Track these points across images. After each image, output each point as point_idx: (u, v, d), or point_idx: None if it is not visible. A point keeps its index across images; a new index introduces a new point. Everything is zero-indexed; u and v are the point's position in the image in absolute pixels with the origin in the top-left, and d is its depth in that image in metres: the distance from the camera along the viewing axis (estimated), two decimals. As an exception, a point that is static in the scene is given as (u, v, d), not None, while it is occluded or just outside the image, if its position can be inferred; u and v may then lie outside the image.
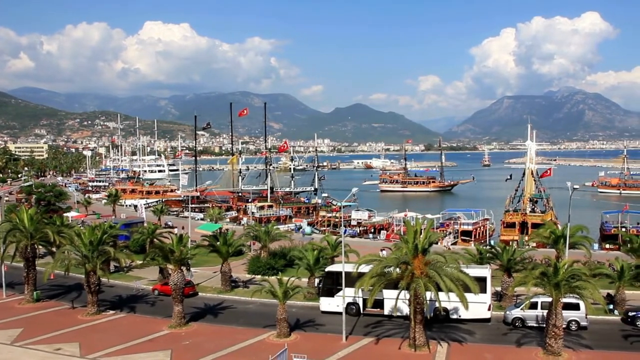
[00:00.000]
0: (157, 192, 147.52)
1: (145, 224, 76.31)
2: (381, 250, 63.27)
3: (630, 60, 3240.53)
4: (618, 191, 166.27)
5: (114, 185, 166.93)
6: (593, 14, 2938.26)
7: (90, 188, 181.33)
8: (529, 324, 40.83)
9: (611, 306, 44.44)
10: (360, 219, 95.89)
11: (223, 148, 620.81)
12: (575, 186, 51.95)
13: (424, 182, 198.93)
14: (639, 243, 52.82)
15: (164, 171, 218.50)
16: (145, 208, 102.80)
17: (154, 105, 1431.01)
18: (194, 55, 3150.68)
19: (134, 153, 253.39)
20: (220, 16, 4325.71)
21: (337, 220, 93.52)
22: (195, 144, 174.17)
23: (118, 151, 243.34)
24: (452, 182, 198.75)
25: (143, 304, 49.26)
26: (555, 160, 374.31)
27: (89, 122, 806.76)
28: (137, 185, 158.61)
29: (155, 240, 60.30)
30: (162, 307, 47.08)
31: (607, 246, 74.05)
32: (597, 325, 41.26)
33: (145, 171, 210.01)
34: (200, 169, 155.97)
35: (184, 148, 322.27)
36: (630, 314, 42.12)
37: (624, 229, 76.69)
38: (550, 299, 35.04)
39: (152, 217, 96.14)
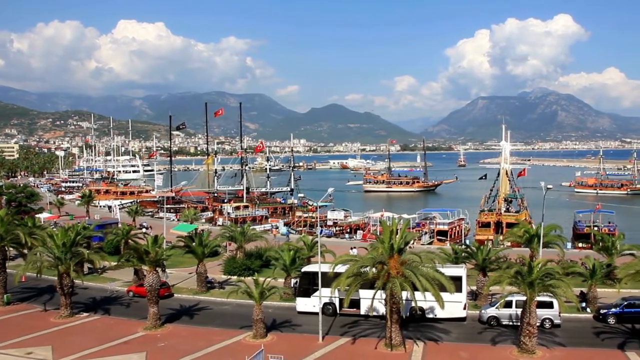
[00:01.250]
0: (131, 193, 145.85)
1: (119, 225, 75.56)
2: (351, 248, 63.60)
3: (601, 62, 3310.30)
4: (595, 191, 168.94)
5: (88, 185, 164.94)
6: (565, 16, 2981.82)
7: (63, 189, 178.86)
8: (504, 323, 41.21)
9: (584, 304, 45.08)
10: (336, 219, 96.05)
11: (198, 148, 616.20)
12: (549, 186, 52.54)
13: (408, 183, 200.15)
14: (611, 242, 53.91)
15: (139, 171, 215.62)
16: (119, 209, 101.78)
17: (129, 105, 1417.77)
18: (168, 54, 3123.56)
19: (108, 153, 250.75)
20: (195, 15, 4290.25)
21: (313, 220, 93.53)
22: (170, 144, 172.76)
23: (92, 151, 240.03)
24: (435, 182, 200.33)
25: (118, 305, 48.66)
26: (529, 160, 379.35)
27: (62, 121, 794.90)
28: (111, 185, 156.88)
29: (130, 241, 59.79)
30: (137, 308, 46.57)
31: (580, 245, 75.09)
32: (570, 323, 41.82)
33: (119, 172, 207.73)
34: (176, 170, 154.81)
35: (159, 148, 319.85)
36: (602, 311, 42.81)
37: (596, 228, 77.88)
38: (524, 298, 35.41)
39: (127, 218, 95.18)
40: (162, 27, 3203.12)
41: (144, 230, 73.35)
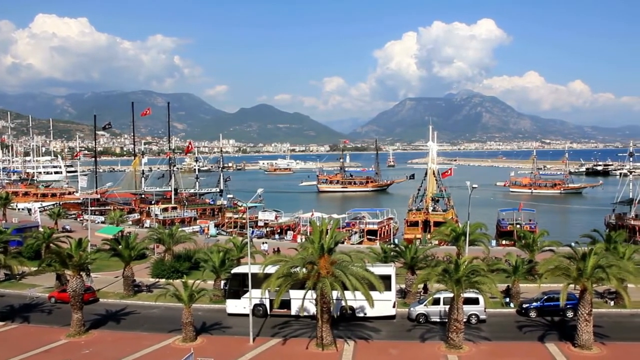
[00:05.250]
0: (53, 195, 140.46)
1: (40, 229, 72.60)
2: (263, 243, 63.39)
3: (522, 66, 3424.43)
4: (530, 190, 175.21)
5: (4, 187, 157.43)
6: (488, 20, 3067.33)
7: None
8: (433, 319, 42.08)
9: (507, 299, 46.74)
10: (267, 220, 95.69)
11: (124, 149, 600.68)
12: (474, 185, 54.07)
13: (362, 183, 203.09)
14: (532, 239, 55.95)
15: (61, 173, 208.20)
16: (40, 212, 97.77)
17: (50, 104, 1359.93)
18: (92, 51, 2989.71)
19: (27, 154, 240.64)
20: (120, 12, 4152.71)
21: (243, 221, 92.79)
22: (95, 145, 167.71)
23: (8, 152, 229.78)
24: (387, 182, 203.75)
25: (38, 313, 46.62)
26: (455, 160, 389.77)
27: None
28: (31, 187, 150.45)
29: (51, 245, 57.55)
30: (60, 315, 44.77)
31: (504, 242, 77.66)
32: (495, 318, 43.24)
33: (40, 173, 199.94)
34: (101, 170, 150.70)
35: (83, 149, 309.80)
36: (524, 305, 44.58)
37: (518, 226, 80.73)
38: (452, 295, 36.24)
39: (49, 221, 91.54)
40: (85, 23, 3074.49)
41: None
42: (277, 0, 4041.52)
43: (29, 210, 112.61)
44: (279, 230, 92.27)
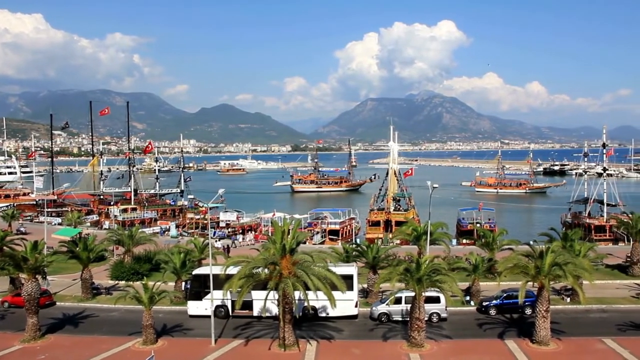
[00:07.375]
0: (7, 196, 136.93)
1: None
2: (216, 240, 62.87)
3: (481, 67, 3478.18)
4: (495, 190, 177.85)
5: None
6: (448, 22, 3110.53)
7: None
8: (395, 319, 42.37)
9: (468, 297, 47.32)
10: (228, 220, 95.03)
11: (82, 149, 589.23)
12: (434, 185, 54.63)
13: (336, 182, 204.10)
14: (492, 237, 56.82)
15: (15, 173, 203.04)
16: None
17: (2, 102, 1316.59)
18: (48, 49, 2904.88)
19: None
20: (77, 8, 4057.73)
21: (204, 222, 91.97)
22: (52, 144, 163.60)
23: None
24: (360, 182, 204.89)
25: (-9, 318, 45.41)
26: (416, 160, 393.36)
27: None
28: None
29: (5, 247, 55.96)
30: (14, 320, 43.69)
31: (464, 241, 78.59)
32: (456, 316, 43.76)
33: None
34: (58, 171, 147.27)
35: (39, 149, 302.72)
36: (484, 303, 45.29)
37: (478, 225, 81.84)
38: (413, 294, 36.53)
39: (2, 223, 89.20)
40: (40, 19, 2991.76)
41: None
42: (239, 1, 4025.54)
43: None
44: (240, 231, 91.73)
